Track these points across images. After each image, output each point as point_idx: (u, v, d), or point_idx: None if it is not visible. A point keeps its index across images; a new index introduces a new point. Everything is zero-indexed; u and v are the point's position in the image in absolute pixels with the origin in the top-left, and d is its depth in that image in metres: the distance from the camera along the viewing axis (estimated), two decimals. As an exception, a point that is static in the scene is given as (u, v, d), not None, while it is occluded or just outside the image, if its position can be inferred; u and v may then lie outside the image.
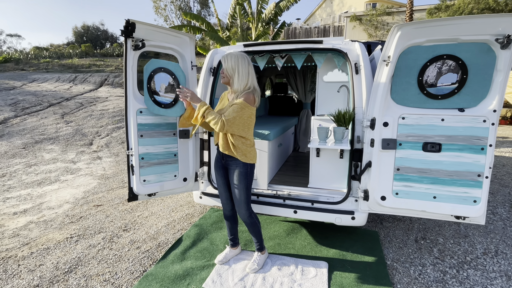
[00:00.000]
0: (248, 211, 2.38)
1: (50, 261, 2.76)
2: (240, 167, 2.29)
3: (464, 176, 2.23)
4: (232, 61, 2.18)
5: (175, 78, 2.48)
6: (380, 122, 2.31)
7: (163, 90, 2.49)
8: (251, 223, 2.43)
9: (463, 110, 2.21)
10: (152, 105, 2.49)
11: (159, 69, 2.46)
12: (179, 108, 2.58)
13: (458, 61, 2.14)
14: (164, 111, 2.53)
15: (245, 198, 2.34)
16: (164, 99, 2.52)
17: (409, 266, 2.60)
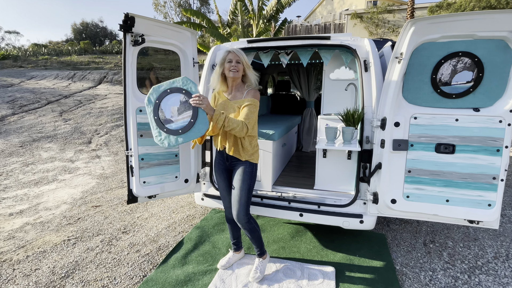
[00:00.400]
0: (247, 216, 2.25)
1: (46, 265, 2.66)
2: (246, 167, 2.20)
3: (478, 178, 2.14)
4: (244, 55, 2.13)
5: (186, 92, 1.99)
6: (391, 122, 2.21)
7: (175, 113, 2.00)
8: (250, 229, 2.28)
9: (478, 110, 2.11)
10: (167, 138, 2.01)
11: (164, 93, 2.01)
12: (202, 124, 1.99)
13: (474, 58, 2.04)
14: (186, 136, 2.00)
15: (245, 200, 2.21)
16: (181, 122, 1.99)
17: (419, 271, 2.51)
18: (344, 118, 2.48)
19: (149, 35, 2.35)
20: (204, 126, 1.98)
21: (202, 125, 1.98)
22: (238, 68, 2.11)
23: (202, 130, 1.98)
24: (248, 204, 2.24)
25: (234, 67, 2.10)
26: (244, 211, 2.22)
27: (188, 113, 1.98)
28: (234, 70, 2.11)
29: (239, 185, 2.19)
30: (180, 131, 1.99)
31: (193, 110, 1.97)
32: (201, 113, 1.98)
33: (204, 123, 1.98)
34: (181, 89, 2.00)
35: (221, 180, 2.37)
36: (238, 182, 2.20)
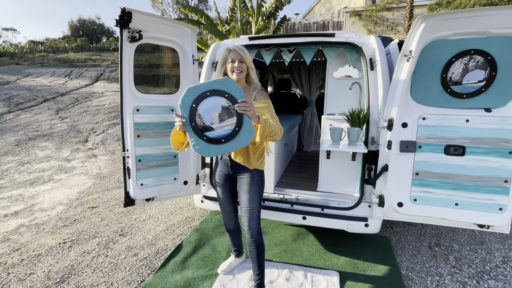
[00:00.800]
0: (259, 226, 2.05)
1: (41, 269, 2.57)
2: (255, 175, 2.01)
3: (489, 181, 2.06)
4: (247, 52, 1.94)
5: (229, 96, 1.74)
6: (399, 122, 2.13)
7: (216, 120, 1.75)
8: (259, 243, 2.04)
9: (490, 111, 2.03)
10: (207, 148, 1.78)
11: (202, 96, 1.74)
12: (248, 132, 1.76)
13: (487, 56, 1.96)
14: (229, 145, 1.78)
15: (258, 211, 2.03)
16: (223, 130, 1.75)
17: (425, 276, 2.44)
18: (349, 119, 2.40)
19: (147, 31, 2.25)
20: (249, 135, 1.77)
21: (248, 134, 1.77)
22: (242, 68, 1.92)
23: (247, 139, 1.77)
24: (260, 214, 2.06)
25: (237, 67, 1.90)
26: (257, 222, 2.03)
27: (231, 120, 1.75)
28: (238, 71, 1.91)
29: (249, 197, 1.99)
30: (223, 140, 1.77)
31: (237, 117, 1.75)
32: (247, 121, 1.75)
33: (249, 132, 1.77)
34: (223, 92, 1.74)
35: (223, 191, 2.16)
36: (248, 193, 1.99)
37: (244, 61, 1.92)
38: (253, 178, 2.00)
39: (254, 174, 2.01)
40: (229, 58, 1.92)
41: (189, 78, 2.59)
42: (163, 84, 2.56)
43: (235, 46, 1.93)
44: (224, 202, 2.20)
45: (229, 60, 1.92)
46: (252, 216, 2.00)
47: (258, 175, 2.02)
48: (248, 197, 1.99)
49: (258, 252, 2.04)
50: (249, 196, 1.99)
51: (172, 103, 2.54)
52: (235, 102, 1.74)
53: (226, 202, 2.20)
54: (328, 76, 2.87)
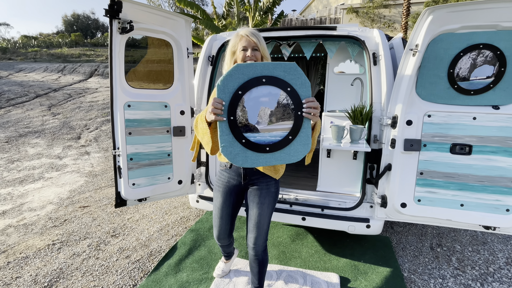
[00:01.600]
0: (266, 243, 1.79)
1: (28, 273, 2.45)
2: (271, 186, 1.70)
3: (496, 182, 1.98)
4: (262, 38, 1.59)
5: (291, 91, 1.30)
6: (403, 120, 2.03)
7: (265, 119, 1.32)
8: (263, 261, 1.81)
9: (498, 108, 1.94)
10: (242, 154, 1.35)
11: (255, 81, 1.29)
12: (302, 145, 1.35)
13: (496, 51, 1.87)
14: (274, 157, 1.36)
15: (268, 226, 1.74)
16: (270, 135, 1.33)
17: (428, 278, 2.37)
18: (352, 116, 2.30)
19: (138, 21, 2.12)
20: (303, 149, 1.34)
21: (302, 146, 1.33)
22: (256, 57, 1.55)
23: (299, 153, 1.34)
24: (268, 230, 1.78)
25: (250, 57, 1.54)
26: (265, 238, 1.76)
27: (285, 124, 1.31)
28: (252, 60, 1.54)
29: (261, 210, 1.69)
30: (268, 148, 1.33)
31: (295, 121, 1.31)
32: (306, 129, 1.33)
33: (304, 144, 1.33)
34: (286, 84, 1.29)
35: (224, 205, 1.81)
36: (261, 207, 1.68)
37: (259, 48, 1.56)
38: (269, 190, 1.70)
39: (271, 185, 1.71)
40: (240, 45, 1.57)
41: (184, 73, 2.47)
42: (156, 79, 2.43)
43: (248, 30, 1.58)
44: (221, 219, 1.84)
45: (240, 47, 1.56)
46: (260, 233, 1.71)
47: (274, 186, 1.73)
48: (260, 212, 1.68)
49: (260, 269, 1.83)
50: (261, 211, 1.68)
51: (165, 99, 2.42)
52: (298, 100, 1.30)
53: (224, 220, 1.84)
54: (329, 72, 2.77)
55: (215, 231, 1.91)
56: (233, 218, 1.87)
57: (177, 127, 2.47)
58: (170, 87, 2.46)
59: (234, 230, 2.00)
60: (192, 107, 2.58)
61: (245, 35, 1.56)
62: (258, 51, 1.57)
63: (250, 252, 1.79)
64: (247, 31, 1.58)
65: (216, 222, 1.87)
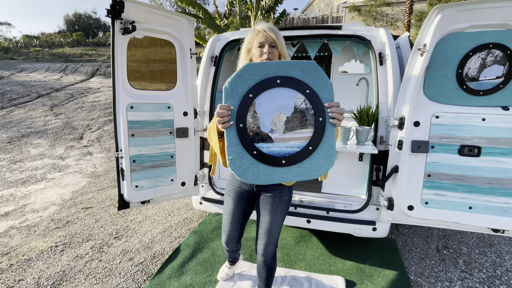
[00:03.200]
0: (275, 250, 1.76)
1: (31, 276, 2.43)
2: (285, 194, 1.62)
3: (506, 184, 1.94)
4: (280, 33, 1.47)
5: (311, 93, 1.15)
6: (410, 121, 2.00)
7: (280, 125, 1.15)
8: (271, 268, 1.78)
9: (508, 109, 1.90)
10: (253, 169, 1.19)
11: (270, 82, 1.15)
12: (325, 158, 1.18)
13: (506, 51, 1.82)
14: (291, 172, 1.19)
15: (278, 234, 1.70)
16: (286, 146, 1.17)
17: (435, 281, 2.33)
18: (357, 117, 2.26)
19: (141, 22, 2.09)
20: (326, 162, 1.16)
21: (325, 159, 1.15)
22: (273, 54, 1.42)
23: (322, 168, 1.16)
24: (278, 238, 1.77)
25: (268, 54, 1.41)
26: (275, 245, 1.72)
27: (304, 132, 1.14)
28: (269, 58, 1.41)
29: (273, 218, 1.63)
30: (284, 161, 1.15)
31: (315, 129, 1.14)
32: (329, 138, 1.15)
33: (328, 157, 1.16)
34: (303, 85, 1.13)
35: (235, 211, 1.75)
36: (273, 214, 1.62)
37: (277, 45, 1.44)
38: (282, 197, 1.62)
39: (284, 193, 1.62)
40: (256, 41, 1.45)
41: (187, 73, 2.44)
42: (158, 80, 2.41)
43: (265, 25, 1.46)
44: (231, 225, 1.79)
45: (257, 44, 1.45)
46: (271, 241, 1.67)
47: (288, 194, 1.65)
48: (271, 220, 1.63)
49: (268, 275, 1.79)
50: (273, 219, 1.62)
51: (168, 100, 2.39)
52: (319, 104, 1.13)
53: (234, 225, 1.78)
54: (333, 72, 2.73)
55: (223, 236, 1.87)
56: (243, 224, 1.82)
57: (180, 129, 2.44)
58: (173, 88, 2.43)
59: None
60: (195, 108, 2.55)
61: (262, 30, 1.44)
62: (276, 48, 1.45)
63: (259, 258, 1.75)
64: (264, 26, 1.46)
65: (225, 227, 1.82)
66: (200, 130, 2.66)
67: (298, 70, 1.14)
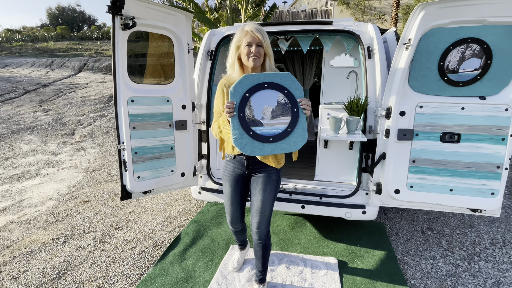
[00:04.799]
0: (269, 228, 1.93)
1: (35, 266, 2.51)
2: (273, 174, 1.83)
3: (483, 167, 2.12)
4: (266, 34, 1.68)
5: (288, 93, 1.59)
6: (397, 111, 2.15)
7: (268, 115, 1.60)
8: (266, 245, 1.95)
9: (485, 98, 2.07)
10: (250, 144, 1.59)
11: (259, 87, 1.58)
12: (300, 136, 1.61)
13: (483, 45, 1.98)
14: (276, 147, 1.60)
15: (270, 212, 1.87)
16: (273, 128, 1.59)
17: (420, 259, 2.53)
18: (348, 107, 2.40)
19: (140, 18, 2.16)
20: (301, 140, 1.60)
21: (299, 137, 1.60)
22: (259, 53, 1.66)
23: (298, 143, 1.60)
24: (271, 216, 1.91)
25: (254, 53, 1.64)
26: (267, 223, 1.89)
27: (284, 119, 1.59)
28: (255, 56, 1.65)
29: (264, 197, 1.82)
30: (271, 139, 1.59)
31: (292, 117, 1.60)
32: (302, 123, 1.60)
33: (302, 136, 1.60)
34: (282, 88, 1.59)
35: (233, 193, 1.95)
36: (263, 193, 1.82)
37: (262, 45, 1.67)
38: (270, 178, 1.83)
39: (272, 173, 1.83)
40: (244, 40, 1.66)
41: (185, 68, 2.52)
42: (157, 74, 2.48)
43: (253, 26, 1.67)
44: (231, 206, 1.98)
45: (245, 43, 1.66)
46: (263, 219, 1.85)
47: (276, 175, 1.85)
48: (262, 198, 1.82)
49: (263, 253, 1.96)
50: (263, 197, 1.82)
51: (167, 94, 2.47)
52: (293, 100, 1.59)
53: (235, 206, 1.97)
54: (325, 65, 2.86)
55: (228, 217, 2.06)
56: (243, 204, 2.02)
57: (179, 121, 2.53)
58: (171, 81, 2.51)
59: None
60: (193, 101, 2.65)
61: (250, 31, 1.65)
62: (262, 48, 1.67)
63: (254, 237, 1.93)
64: (252, 27, 1.65)
65: (227, 208, 2.02)
66: (198, 122, 2.75)
67: (279, 78, 1.60)
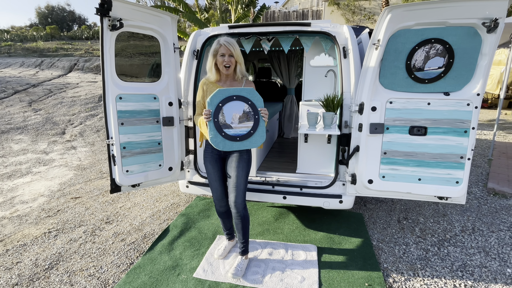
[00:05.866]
0: (244, 201, 2.24)
1: (28, 258, 2.60)
2: (244, 154, 2.22)
3: (447, 158, 2.30)
4: (237, 46, 2.13)
5: (251, 104, 2.04)
6: (368, 106, 2.31)
7: (236, 120, 2.04)
8: (245, 216, 2.24)
9: (448, 94, 2.25)
10: (223, 142, 2.04)
11: (229, 99, 2.01)
12: (260, 137, 2.10)
13: (445, 45, 2.16)
14: (242, 144, 2.08)
15: (244, 186, 2.21)
16: (239, 130, 2.05)
17: (394, 245, 2.70)
18: (324, 104, 2.56)
19: (128, 19, 2.28)
20: (260, 139, 2.09)
21: (259, 137, 2.09)
22: (231, 62, 2.13)
23: (258, 142, 2.10)
24: (245, 191, 2.25)
25: (227, 62, 2.12)
26: (243, 197, 2.22)
27: (248, 123, 2.05)
28: (227, 65, 2.13)
29: (237, 173, 2.17)
30: (238, 138, 2.05)
31: (254, 122, 2.06)
32: (261, 127, 2.08)
33: (261, 136, 2.09)
34: (247, 99, 2.04)
35: (214, 170, 2.29)
36: (236, 169, 2.18)
37: (233, 55, 2.11)
38: (242, 156, 2.21)
39: (243, 153, 2.22)
40: (220, 51, 2.11)
41: (171, 66, 2.65)
42: (145, 73, 2.60)
43: (226, 41, 2.10)
44: (215, 182, 2.32)
45: (220, 53, 2.11)
46: (238, 192, 2.18)
47: (246, 154, 2.23)
48: (236, 174, 2.17)
49: (243, 224, 2.26)
50: (237, 173, 2.17)
51: (154, 91, 2.60)
52: (255, 109, 2.05)
53: (218, 182, 2.32)
54: (305, 64, 3.01)
55: (213, 194, 2.36)
56: (224, 181, 2.34)
57: (166, 118, 2.66)
58: (158, 80, 2.63)
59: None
60: (179, 98, 2.77)
61: (223, 44, 2.09)
62: (233, 57, 2.13)
63: (233, 211, 2.23)
64: (225, 41, 2.10)
65: (212, 186, 2.34)
66: (185, 119, 2.88)
67: (245, 92, 2.04)
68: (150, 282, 2.26)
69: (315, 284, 2.19)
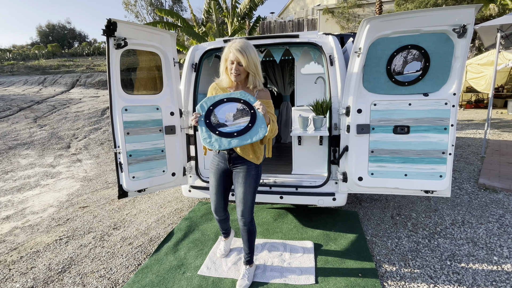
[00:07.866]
0: (252, 216, 2.18)
1: (41, 263, 2.77)
2: (252, 170, 2.10)
3: (430, 154, 2.48)
4: (253, 54, 1.94)
5: (244, 102, 1.98)
6: (355, 109, 2.50)
7: (231, 118, 1.97)
8: (250, 230, 2.20)
9: (427, 95, 2.44)
10: (217, 141, 1.95)
11: (220, 102, 2.01)
12: (260, 128, 1.94)
13: (421, 50, 2.36)
14: (241, 138, 1.94)
15: (252, 202, 2.14)
16: (236, 126, 1.95)
17: (387, 239, 2.85)
18: (314, 108, 2.76)
19: (131, 38, 2.50)
20: (261, 130, 1.94)
21: (260, 129, 1.95)
22: (239, 71, 1.96)
23: (260, 133, 1.93)
24: (253, 205, 2.17)
25: (235, 69, 1.96)
26: (250, 212, 2.15)
27: (245, 119, 1.96)
28: (235, 73, 1.97)
29: (244, 190, 2.09)
30: (236, 134, 1.94)
31: (251, 116, 1.96)
32: (260, 119, 1.96)
33: (262, 128, 1.95)
34: (239, 99, 2.00)
35: (216, 184, 2.22)
36: (244, 186, 2.09)
37: (242, 64, 1.93)
38: (250, 173, 2.09)
39: (251, 168, 2.09)
40: (229, 58, 1.96)
41: (171, 79, 2.86)
42: (147, 86, 2.82)
43: (236, 48, 1.90)
44: (215, 195, 2.26)
45: (229, 60, 1.97)
46: (245, 208, 2.12)
47: (254, 169, 2.11)
48: (243, 190, 2.09)
49: (249, 237, 2.24)
50: (244, 189, 2.09)
51: (157, 103, 2.80)
52: (250, 105, 1.98)
53: (217, 195, 2.25)
54: (297, 72, 3.23)
55: (212, 205, 2.34)
56: (226, 194, 2.29)
57: (168, 126, 2.86)
58: (160, 92, 2.85)
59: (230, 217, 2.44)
60: (180, 108, 2.98)
61: (233, 51, 1.93)
62: (242, 66, 1.96)
63: (240, 223, 2.21)
64: (235, 47, 1.91)
65: (212, 197, 2.30)
66: (186, 127, 3.08)
67: (236, 94, 2.02)
68: (158, 280, 2.42)
69: (312, 277, 2.34)
